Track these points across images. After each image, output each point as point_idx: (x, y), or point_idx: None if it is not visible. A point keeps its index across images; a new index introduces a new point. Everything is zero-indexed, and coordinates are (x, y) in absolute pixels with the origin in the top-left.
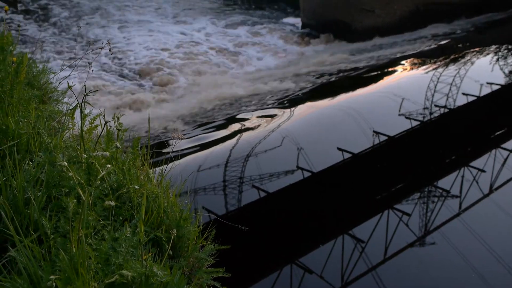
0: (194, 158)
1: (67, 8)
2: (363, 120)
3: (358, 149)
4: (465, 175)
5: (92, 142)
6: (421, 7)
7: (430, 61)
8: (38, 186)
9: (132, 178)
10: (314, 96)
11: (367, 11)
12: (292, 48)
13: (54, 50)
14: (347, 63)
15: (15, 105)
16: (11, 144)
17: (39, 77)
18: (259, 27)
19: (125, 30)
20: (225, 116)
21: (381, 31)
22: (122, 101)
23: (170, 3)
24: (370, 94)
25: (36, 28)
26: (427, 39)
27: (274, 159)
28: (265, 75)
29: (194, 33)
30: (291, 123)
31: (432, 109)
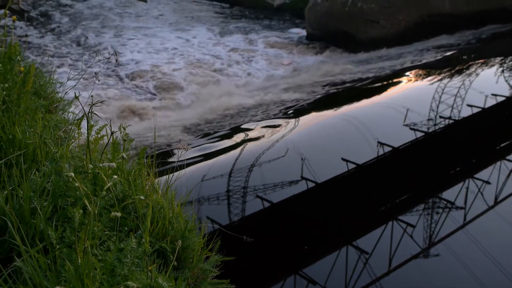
0: (198, 167)
1: (68, 15)
2: (367, 131)
3: (363, 160)
4: (470, 186)
5: (98, 152)
6: (425, 19)
7: (435, 72)
8: (44, 196)
9: (137, 188)
10: (318, 106)
11: (371, 22)
12: (297, 58)
13: (58, 56)
14: (351, 73)
15: (22, 115)
16: (18, 154)
17: (45, 86)
18: (264, 37)
19: (131, 39)
20: (230, 126)
21: (385, 42)
22: (127, 109)
23: (178, 13)
24: (374, 105)
25: (40, 35)
26: (431, 50)
27: (278, 169)
28: (269, 85)
29: (200, 43)
30: (295, 134)
31: (437, 120)
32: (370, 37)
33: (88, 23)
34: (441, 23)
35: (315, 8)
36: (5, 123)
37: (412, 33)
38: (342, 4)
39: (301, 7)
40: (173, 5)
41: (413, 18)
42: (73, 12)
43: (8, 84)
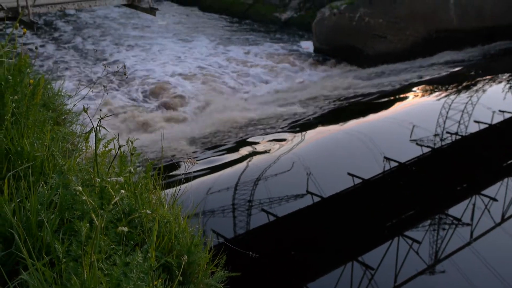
0: (204, 180)
1: (76, 26)
2: (373, 146)
3: (369, 175)
4: (477, 203)
5: (105, 166)
6: (433, 34)
7: (442, 87)
8: (51, 208)
9: (144, 202)
10: (325, 120)
11: (379, 37)
12: (304, 72)
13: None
14: (358, 88)
15: (30, 127)
16: (26, 167)
17: (54, 98)
18: (272, 50)
19: (137, 51)
20: (236, 139)
21: (393, 57)
22: (134, 121)
23: (185, 26)
24: (381, 120)
25: (50, 46)
26: (439, 66)
27: (283, 183)
28: (276, 99)
29: (207, 55)
30: (301, 148)
31: (444, 135)
32: (377, 52)
33: (96, 35)
34: (449, 38)
35: (323, 22)
36: (14, 135)
37: (420, 48)
38: (349, 18)
39: (309, 21)
40: (180, 18)
41: (420, 34)
42: (81, 24)
43: (18, 96)
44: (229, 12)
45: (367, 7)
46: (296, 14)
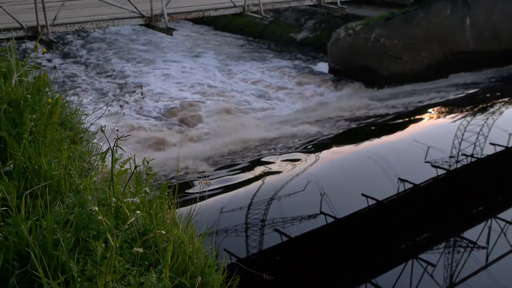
0: (218, 199)
1: (96, 45)
2: (388, 167)
3: (383, 196)
4: (493, 226)
5: (121, 185)
6: (449, 56)
7: (457, 109)
8: (67, 227)
9: (158, 222)
10: (339, 141)
11: (394, 58)
12: (319, 93)
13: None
14: (373, 109)
15: (47, 145)
16: (43, 185)
17: (71, 117)
18: (287, 70)
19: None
20: (250, 159)
21: (408, 78)
22: (148, 139)
23: (201, 45)
24: (396, 141)
25: (67, 65)
26: (454, 88)
27: (297, 203)
28: (290, 119)
29: (222, 74)
30: (315, 168)
31: (459, 157)
32: (392, 73)
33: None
34: (465, 60)
35: (338, 43)
36: (32, 154)
37: (435, 70)
38: (364, 39)
39: (324, 41)
40: (196, 37)
41: (436, 55)
42: (100, 43)
43: (36, 115)
44: (244, 32)
45: (382, 28)
46: (312, 34)
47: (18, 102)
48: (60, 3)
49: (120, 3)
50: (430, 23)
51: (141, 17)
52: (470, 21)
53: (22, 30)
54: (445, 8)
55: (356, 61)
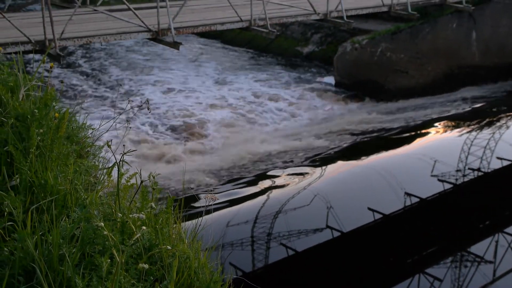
0: (223, 213)
1: (103, 59)
2: (394, 181)
3: (389, 210)
4: (500, 241)
5: (127, 200)
6: (455, 70)
7: (464, 123)
8: (73, 242)
9: (164, 237)
10: (345, 155)
11: (400, 72)
12: (325, 106)
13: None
14: (379, 123)
15: (54, 160)
16: (49, 200)
17: (77, 131)
18: (293, 84)
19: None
20: (256, 172)
21: (414, 92)
22: (154, 152)
23: (207, 58)
24: (402, 155)
25: (75, 78)
26: (460, 102)
27: (303, 217)
28: (296, 132)
29: (228, 87)
30: (321, 182)
31: (466, 171)
32: (398, 86)
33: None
34: (471, 74)
35: (344, 56)
36: (38, 168)
37: (441, 84)
38: (371, 53)
39: (330, 55)
40: (202, 51)
41: (442, 69)
42: (107, 56)
43: (43, 130)
44: (251, 46)
45: (388, 42)
46: (318, 48)
47: (25, 117)
48: (68, 17)
49: (128, 17)
50: (436, 37)
51: (148, 31)
52: (476, 35)
53: (30, 44)
54: (451, 22)
55: (362, 75)
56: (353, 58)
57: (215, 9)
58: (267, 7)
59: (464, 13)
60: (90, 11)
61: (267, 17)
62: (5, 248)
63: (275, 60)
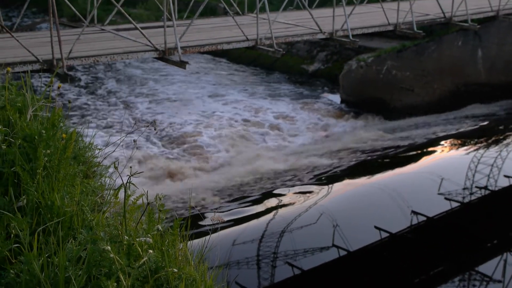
0: (229, 232)
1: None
2: (401, 199)
3: (396, 229)
4: (508, 260)
5: (133, 221)
6: (461, 87)
7: (471, 141)
8: (80, 264)
9: (170, 259)
10: (352, 173)
11: (406, 89)
12: (331, 124)
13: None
14: (385, 141)
15: (61, 180)
16: (56, 222)
17: (84, 150)
18: (298, 101)
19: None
20: (261, 191)
21: (420, 110)
22: (160, 170)
23: (213, 76)
24: (408, 174)
25: (82, 96)
26: (467, 119)
27: (309, 236)
28: (302, 150)
29: (233, 105)
30: (327, 200)
31: (473, 190)
32: (404, 104)
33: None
34: (477, 92)
35: (350, 74)
36: (45, 189)
37: (447, 101)
38: (376, 71)
39: (336, 73)
40: (207, 69)
41: (448, 87)
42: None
43: (50, 150)
44: (257, 64)
45: (394, 60)
46: (323, 66)
47: (32, 137)
48: (75, 37)
49: (135, 37)
50: (442, 55)
51: (155, 50)
52: (482, 53)
53: (38, 63)
54: (457, 40)
55: (368, 92)
56: (358, 76)
57: (222, 28)
58: (273, 26)
59: (470, 31)
60: (98, 31)
61: (273, 36)
62: (11, 271)
63: (281, 78)
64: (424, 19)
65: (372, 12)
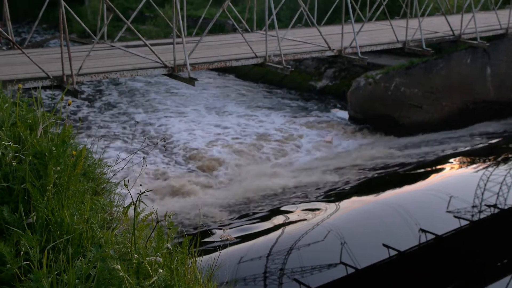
0: (237, 249)
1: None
2: (409, 217)
3: (405, 247)
4: None
5: (143, 239)
6: (470, 105)
7: (480, 159)
8: (89, 282)
9: (180, 278)
10: (359, 190)
11: (415, 106)
12: (339, 141)
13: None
14: (393, 158)
15: (70, 197)
16: (66, 239)
17: (94, 167)
18: (306, 118)
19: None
20: (269, 208)
21: (429, 127)
22: (168, 186)
23: (221, 92)
24: (417, 191)
25: (91, 113)
26: (476, 137)
27: (317, 253)
28: (310, 167)
29: (241, 121)
30: (335, 218)
31: (482, 208)
32: (413, 121)
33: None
34: (486, 109)
35: (358, 91)
36: (55, 206)
37: (456, 119)
38: (385, 88)
39: (344, 90)
40: (216, 85)
41: (457, 104)
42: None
43: (60, 167)
44: (265, 80)
45: (402, 77)
46: (331, 82)
47: (43, 154)
48: (85, 53)
49: (144, 53)
50: (451, 72)
51: (164, 67)
52: (491, 70)
53: (48, 80)
54: (465, 57)
55: (376, 109)
56: (367, 93)
57: (230, 45)
58: (282, 43)
59: (478, 49)
60: (107, 47)
61: (282, 54)
62: None
63: (289, 94)
64: (433, 37)
65: (380, 29)
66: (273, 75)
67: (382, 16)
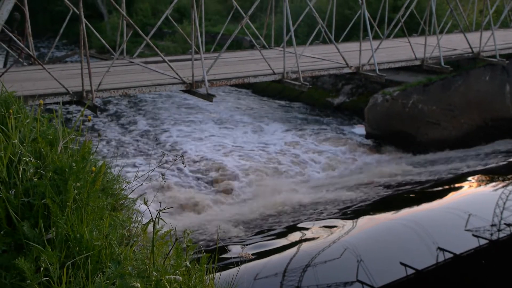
0: (252, 265)
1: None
2: (427, 235)
3: (422, 265)
4: None
5: (161, 256)
6: (489, 122)
7: (499, 177)
8: None
9: None
10: (377, 208)
11: (432, 123)
12: (356, 158)
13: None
14: (411, 175)
15: (89, 213)
16: (85, 256)
17: (112, 183)
18: (323, 135)
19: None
20: (285, 224)
21: (447, 145)
22: (185, 201)
23: (237, 108)
24: (435, 209)
25: (111, 129)
26: (495, 155)
27: (333, 271)
28: (327, 184)
29: (257, 138)
30: (352, 235)
31: (501, 226)
32: (430, 139)
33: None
34: (505, 127)
35: (375, 108)
36: (74, 222)
37: (475, 136)
38: (402, 105)
39: (361, 106)
40: (232, 101)
41: (475, 122)
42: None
43: (80, 183)
44: (282, 96)
45: (420, 94)
46: (348, 99)
47: (63, 170)
48: (104, 69)
49: (163, 69)
50: (469, 90)
51: (183, 83)
52: (510, 87)
53: (68, 95)
54: (484, 75)
55: (393, 126)
56: (384, 110)
57: (248, 61)
58: (300, 60)
59: (497, 66)
60: (126, 63)
61: (300, 70)
62: None
63: (306, 110)
64: (451, 54)
65: (398, 46)
66: (290, 91)
67: (400, 33)
